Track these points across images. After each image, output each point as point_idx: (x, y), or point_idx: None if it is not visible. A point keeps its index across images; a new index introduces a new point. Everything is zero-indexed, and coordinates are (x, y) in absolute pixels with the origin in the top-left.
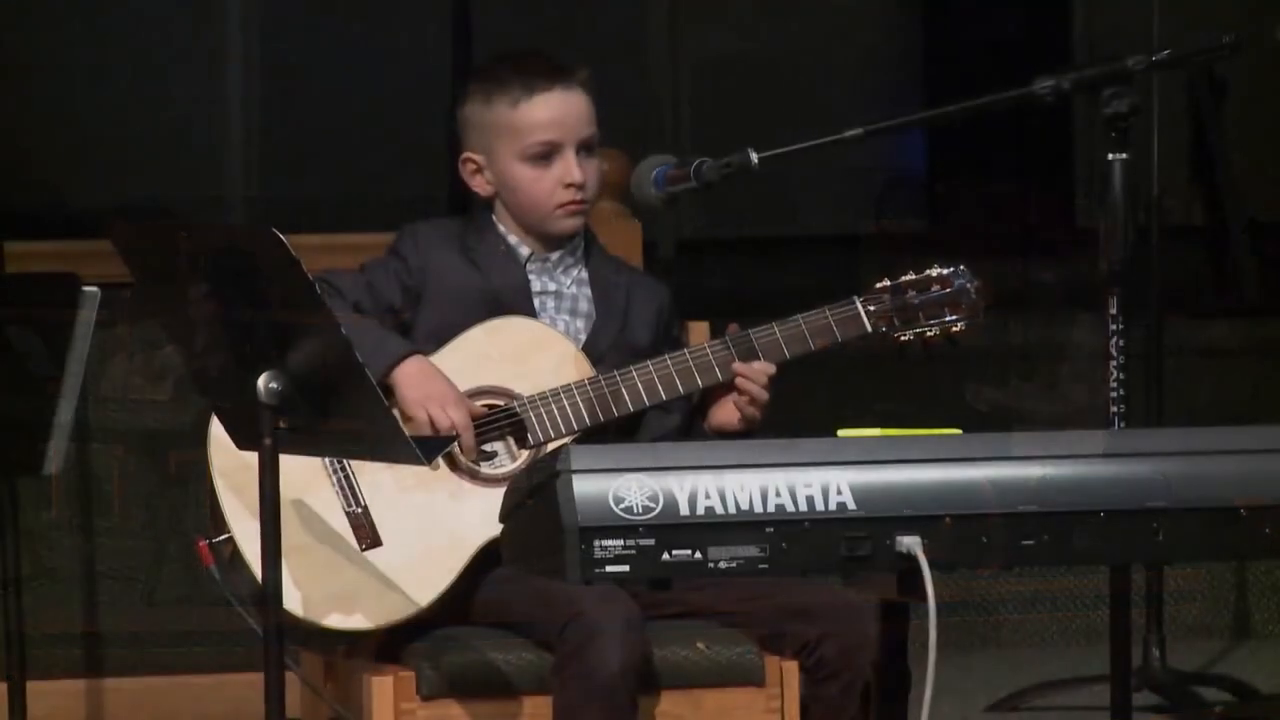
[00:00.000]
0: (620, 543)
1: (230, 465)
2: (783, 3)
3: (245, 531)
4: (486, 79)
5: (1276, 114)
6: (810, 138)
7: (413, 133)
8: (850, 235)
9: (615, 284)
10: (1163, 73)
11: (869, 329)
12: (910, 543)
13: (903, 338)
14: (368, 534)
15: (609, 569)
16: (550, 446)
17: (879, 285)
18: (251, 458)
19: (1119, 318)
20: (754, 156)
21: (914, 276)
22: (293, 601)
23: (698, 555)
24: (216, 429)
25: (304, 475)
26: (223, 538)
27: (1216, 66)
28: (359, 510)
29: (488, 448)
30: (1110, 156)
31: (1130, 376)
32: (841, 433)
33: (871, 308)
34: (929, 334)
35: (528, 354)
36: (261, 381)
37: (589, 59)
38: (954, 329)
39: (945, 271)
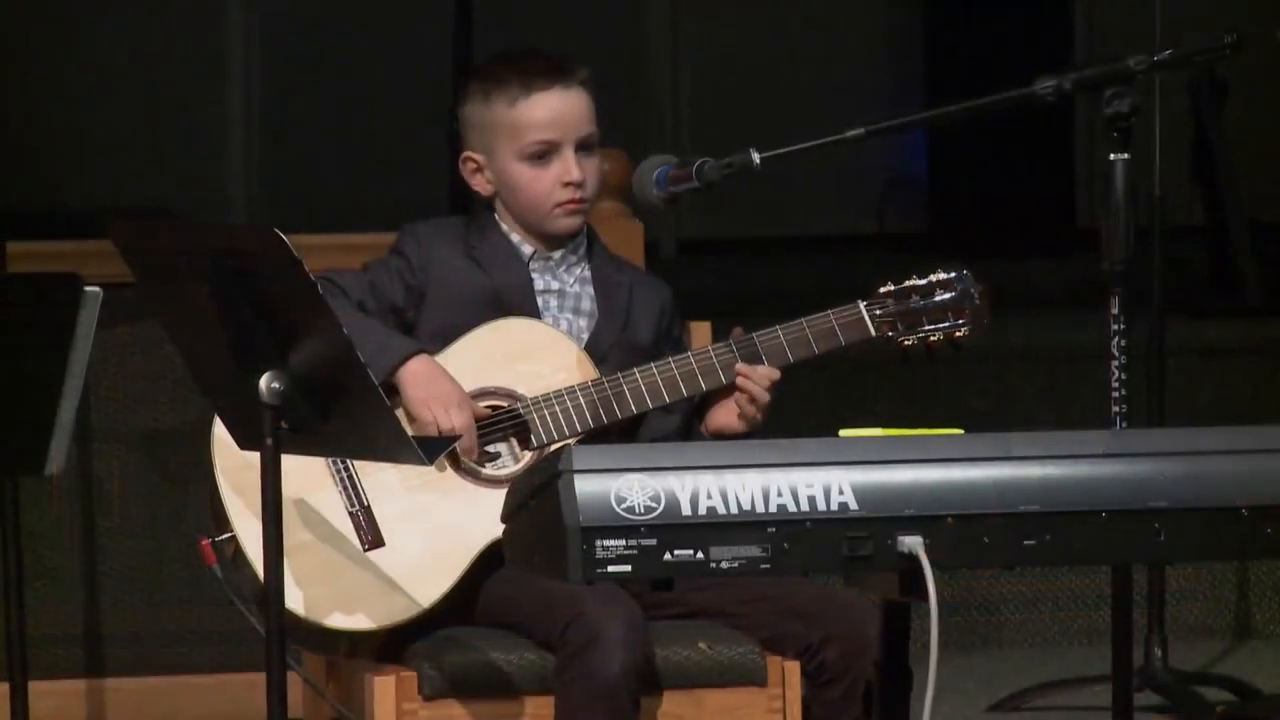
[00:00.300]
0: (622, 543)
1: (233, 464)
2: (783, 3)
3: (248, 530)
4: (486, 78)
5: (1277, 114)
6: (810, 138)
7: (413, 133)
8: (851, 235)
9: (618, 282)
10: (1164, 73)
11: (873, 333)
12: (912, 543)
13: (906, 342)
14: (370, 534)
15: (611, 569)
16: (553, 448)
17: (883, 289)
18: (255, 457)
19: (1120, 317)
20: (755, 156)
21: (918, 280)
22: (295, 601)
23: (699, 555)
24: (219, 428)
25: (307, 475)
26: (225, 536)
27: (1217, 66)
28: (362, 510)
29: (491, 449)
30: (1112, 156)
31: (1131, 376)
32: (843, 433)
33: (876, 311)
34: (932, 338)
35: (532, 355)
36: (263, 382)
37: (589, 59)
38: (957, 334)
39: (949, 276)
